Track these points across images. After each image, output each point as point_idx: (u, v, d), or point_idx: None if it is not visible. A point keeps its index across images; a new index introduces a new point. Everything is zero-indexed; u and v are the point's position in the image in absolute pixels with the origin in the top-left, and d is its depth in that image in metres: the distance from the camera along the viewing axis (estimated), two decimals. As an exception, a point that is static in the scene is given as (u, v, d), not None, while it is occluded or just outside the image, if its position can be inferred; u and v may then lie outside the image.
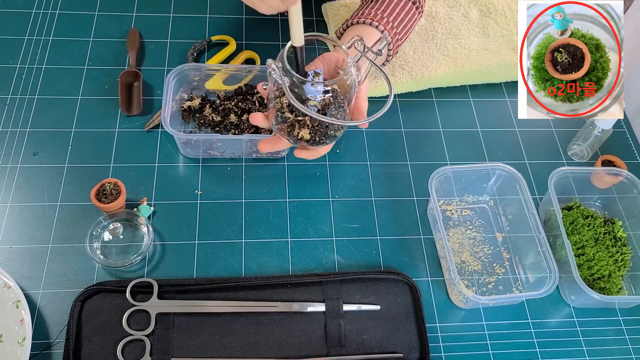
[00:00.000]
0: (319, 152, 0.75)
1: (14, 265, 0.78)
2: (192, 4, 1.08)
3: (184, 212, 0.85)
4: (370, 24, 0.83)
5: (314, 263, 0.83)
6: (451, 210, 0.89)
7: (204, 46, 1.02)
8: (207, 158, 0.90)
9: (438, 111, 1.00)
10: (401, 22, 0.86)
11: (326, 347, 0.75)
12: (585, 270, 0.83)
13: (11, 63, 0.96)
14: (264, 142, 0.75)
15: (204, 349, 0.74)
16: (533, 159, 0.96)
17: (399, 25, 0.86)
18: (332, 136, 0.72)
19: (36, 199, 0.83)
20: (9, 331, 0.71)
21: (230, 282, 0.77)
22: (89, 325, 0.73)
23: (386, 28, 0.83)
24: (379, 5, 0.86)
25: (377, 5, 0.86)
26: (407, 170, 0.93)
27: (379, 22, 0.83)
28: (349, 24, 0.85)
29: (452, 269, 0.76)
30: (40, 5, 1.04)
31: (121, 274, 0.79)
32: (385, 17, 0.84)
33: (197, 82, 0.94)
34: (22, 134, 0.89)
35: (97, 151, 0.89)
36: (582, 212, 0.89)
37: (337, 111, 0.70)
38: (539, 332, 0.80)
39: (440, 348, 0.78)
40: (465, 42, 1.04)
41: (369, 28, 0.83)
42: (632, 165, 0.96)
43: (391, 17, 0.85)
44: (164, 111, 0.84)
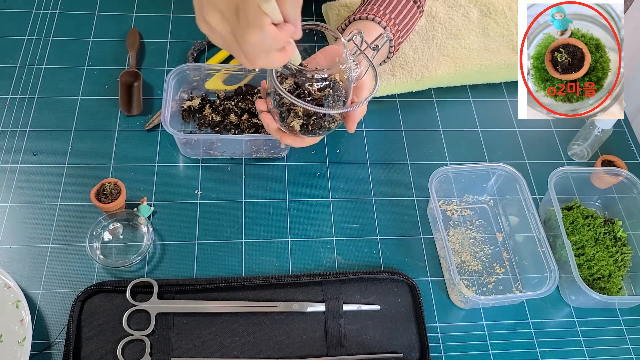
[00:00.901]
0: (306, 142, 0.75)
1: (14, 265, 0.78)
2: (192, 4, 1.08)
3: (184, 212, 0.85)
4: (373, 19, 0.83)
5: (314, 263, 0.83)
6: (451, 210, 0.89)
7: (204, 46, 1.02)
8: (207, 158, 0.90)
9: (438, 111, 1.00)
10: (403, 19, 0.87)
11: (326, 347, 0.75)
12: (585, 270, 0.83)
13: (11, 63, 0.96)
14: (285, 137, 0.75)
15: (204, 349, 0.74)
16: (533, 159, 0.96)
17: (401, 22, 0.86)
18: (325, 127, 0.72)
19: (36, 199, 0.83)
20: (9, 331, 0.71)
21: (230, 282, 0.77)
22: (89, 325, 0.73)
23: (388, 24, 0.83)
24: (381, 2, 0.86)
25: (379, 2, 0.86)
26: (407, 170, 0.93)
27: (382, 17, 0.83)
28: (351, 19, 0.85)
29: (452, 269, 0.76)
30: (40, 5, 1.04)
31: (121, 274, 0.79)
32: (387, 14, 0.84)
33: (197, 82, 0.94)
34: (22, 134, 0.89)
35: (97, 151, 0.89)
36: (582, 212, 0.89)
37: (335, 103, 0.70)
38: (539, 332, 0.80)
39: (440, 348, 0.78)
40: (465, 42, 1.04)
41: (371, 23, 0.83)
42: (632, 165, 0.96)
43: (393, 14, 0.85)
44: (164, 111, 0.84)
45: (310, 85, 0.69)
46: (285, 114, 0.72)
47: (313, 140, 0.76)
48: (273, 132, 0.75)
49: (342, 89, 0.71)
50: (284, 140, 0.75)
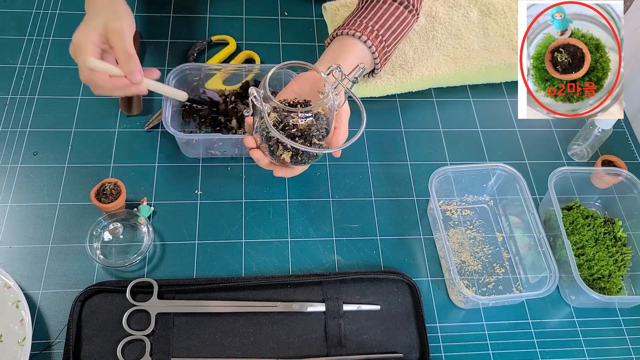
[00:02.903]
0: (297, 171, 0.79)
1: (14, 265, 0.78)
2: (192, 4, 1.08)
3: (184, 212, 0.85)
4: (354, 34, 0.84)
5: (314, 263, 0.83)
6: (451, 210, 0.89)
7: (204, 46, 1.02)
8: (207, 158, 0.90)
9: (438, 111, 1.00)
10: (389, 29, 0.88)
11: (326, 347, 0.75)
12: (585, 270, 0.83)
13: (11, 63, 0.96)
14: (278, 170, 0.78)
15: (204, 349, 0.74)
16: (533, 159, 0.96)
17: (386, 32, 0.87)
18: (314, 156, 0.75)
19: (36, 199, 0.83)
20: (9, 331, 0.71)
21: (230, 282, 0.77)
22: (89, 325, 0.73)
23: (370, 38, 0.85)
24: (366, 14, 0.88)
25: (365, 14, 0.88)
26: (407, 170, 0.93)
27: (362, 32, 0.84)
28: (335, 34, 0.87)
29: (452, 269, 0.76)
30: (40, 5, 1.04)
31: (121, 274, 0.79)
32: (370, 26, 0.86)
33: (196, 82, 0.94)
34: (22, 134, 0.89)
35: (97, 151, 0.89)
36: (582, 212, 0.89)
37: (318, 132, 0.72)
38: (539, 332, 0.80)
39: (440, 348, 0.78)
40: (465, 42, 1.04)
41: (353, 40, 0.85)
42: (632, 165, 0.96)
43: (377, 26, 0.86)
44: (164, 111, 0.84)
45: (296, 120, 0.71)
46: (275, 147, 0.73)
47: (303, 168, 0.79)
48: (265, 166, 0.77)
49: (324, 117, 0.73)
50: (277, 173, 0.78)
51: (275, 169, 0.77)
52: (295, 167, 0.77)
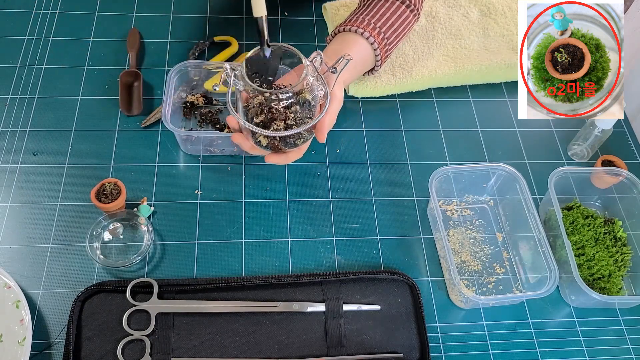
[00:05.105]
0: (290, 158, 0.76)
1: (14, 265, 0.78)
2: (192, 4, 1.08)
3: (184, 212, 0.85)
4: (356, 31, 0.84)
5: (314, 263, 0.83)
6: (451, 210, 0.89)
7: (206, 46, 1.02)
8: (207, 157, 0.90)
9: (438, 111, 1.00)
10: (391, 27, 0.88)
11: (326, 347, 0.75)
12: (585, 270, 0.83)
13: (11, 63, 0.96)
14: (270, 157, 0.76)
15: (204, 349, 0.74)
16: (533, 159, 0.96)
17: (388, 30, 0.87)
18: (291, 144, 0.73)
19: (36, 199, 0.83)
20: (9, 331, 0.71)
21: (230, 282, 0.77)
22: (89, 325, 0.73)
23: (372, 34, 0.85)
24: (369, 11, 0.88)
25: (367, 11, 0.88)
26: (407, 170, 0.93)
27: (365, 28, 0.84)
28: (337, 31, 0.87)
29: (452, 269, 0.76)
30: (40, 5, 1.04)
31: (121, 274, 0.79)
32: (372, 23, 0.86)
33: (197, 82, 0.94)
34: (22, 134, 0.89)
35: (97, 151, 0.89)
36: (582, 212, 0.89)
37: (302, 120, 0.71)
38: (539, 332, 0.80)
39: (440, 348, 0.78)
40: (465, 42, 1.04)
41: (355, 36, 0.85)
42: (632, 165, 0.96)
43: (379, 23, 0.86)
44: (164, 107, 0.84)
45: (276, 103, 0.70)
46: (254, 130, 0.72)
47: (296, 155, 0.77)
48: (248, 149, 0.76)
49: (311, 104, 0.73)
50: (269, 160, 0.76)
51: (267, 155, 0.76)
52: (289, 154, 0.75)
